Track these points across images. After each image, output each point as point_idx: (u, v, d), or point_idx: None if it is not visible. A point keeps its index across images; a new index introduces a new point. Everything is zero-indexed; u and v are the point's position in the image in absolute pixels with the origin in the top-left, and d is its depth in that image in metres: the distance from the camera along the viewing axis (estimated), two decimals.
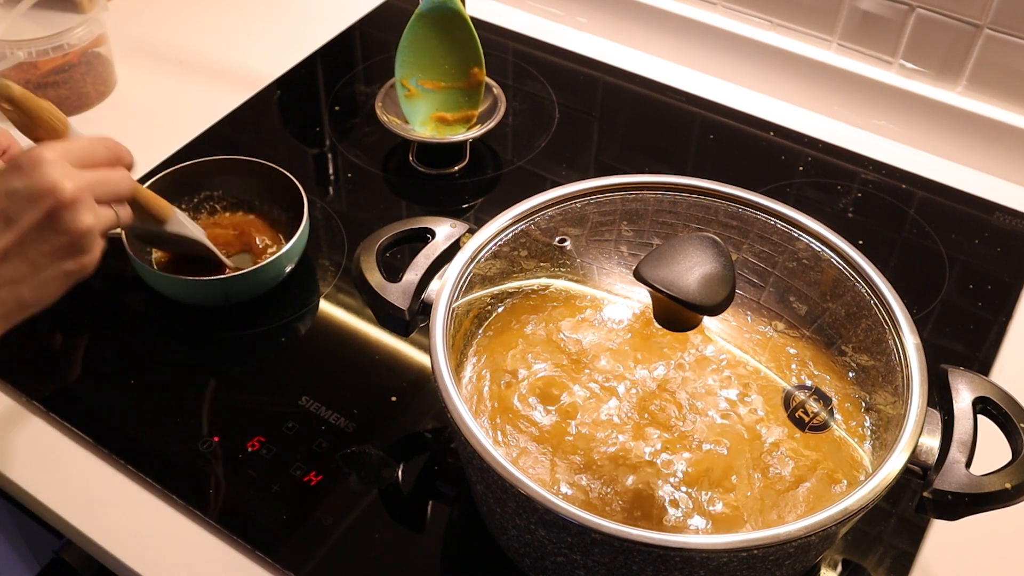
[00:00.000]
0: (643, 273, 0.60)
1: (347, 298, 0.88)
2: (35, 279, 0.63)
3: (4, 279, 0.62)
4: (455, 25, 0.97)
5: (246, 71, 1.11)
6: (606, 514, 0.60)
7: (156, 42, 1.15)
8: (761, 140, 1.05)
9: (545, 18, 1.20)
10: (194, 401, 0.79)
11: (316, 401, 0.79)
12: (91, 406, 0.79)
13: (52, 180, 0.62)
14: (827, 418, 0.65)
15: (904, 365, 0.63)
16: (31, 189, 0.62)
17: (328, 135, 1.05)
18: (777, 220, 0.71)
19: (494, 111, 1.00)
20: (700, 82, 1.11)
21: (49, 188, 0.62)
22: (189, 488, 0.73)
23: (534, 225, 0.72)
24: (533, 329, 0.70)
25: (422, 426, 0.78)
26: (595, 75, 1.12)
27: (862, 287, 0.67)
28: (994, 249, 0.94)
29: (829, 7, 1.03)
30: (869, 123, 1.06)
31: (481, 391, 0.67)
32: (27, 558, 1.01)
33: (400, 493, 0.74)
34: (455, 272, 0.67)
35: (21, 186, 0.62)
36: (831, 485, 0.62)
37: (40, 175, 0.62)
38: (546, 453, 0.63)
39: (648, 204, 0.73)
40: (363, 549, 0.71)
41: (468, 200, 0.99)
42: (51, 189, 0.62)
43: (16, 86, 0.65)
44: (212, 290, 0.82)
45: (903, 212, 0.97)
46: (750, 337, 0.70)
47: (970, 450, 0.60)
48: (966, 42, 0.98)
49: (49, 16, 1.02)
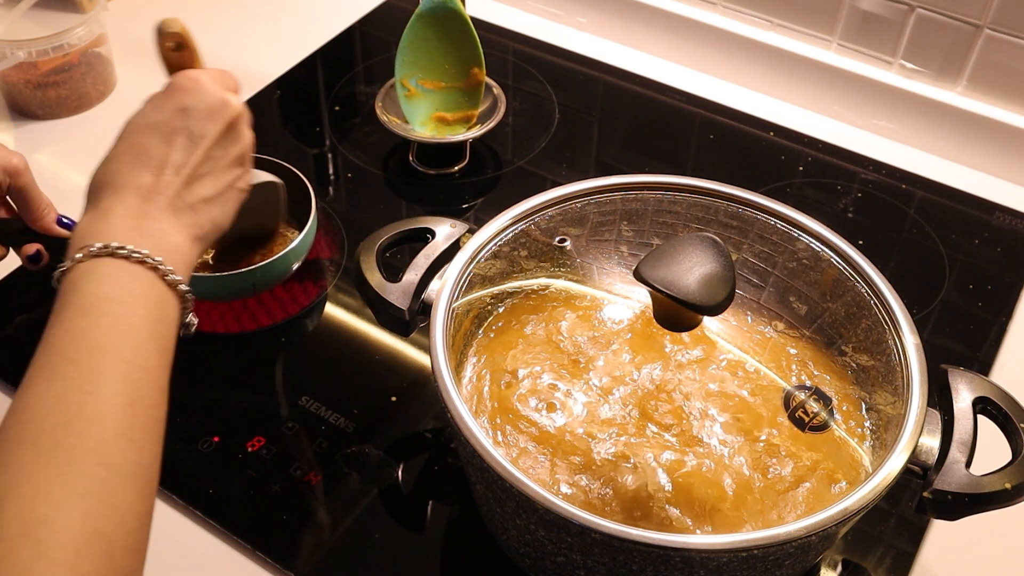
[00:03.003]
0: (643, 273, 0.60)
1: (347, 298, 0.88)
2: (221, 196, 0.64)
3: (200, 198, 0.62)
4: (455, 25, 0.97)
5: (246, 71, 1.11)
6: (606, 514, 0.60)
7: None
8: (761, 140, 1.05)
9: (545, 18, 1.20)
10: (194, 401, 0.79)
11: (316, 401, 0.79)
12: None
13: (222, 94, 0.64)
14: (827, 418, 0.65)
15: (904, 365, 0.63)
16: (206, 103, 0.63)
17: (328, 135, 1.05)
18: (777, 220, 0.71)
19: (494, 111, 1.00)
20: (700, 82, 1.11)
21: (223, 100, 0.63)
22: (189, 488, 0.73)
23: (534, 225, 0.72)
24: (533, 329, 0.70)
25: (422, 426, 0.78)
26: (595, 75, 1.12)
27: (862, 287, 0.67)
28: (994, 249, 0.94)
29: (829, 7, 1.03)
30: (869, 123, 1.06)
31: (481, 391, 0.67)
32: None
33: (400, 493, 0.74)
34: (455, 272, 0.67)
35: (195, 102, 0.62)
36: (831, 485, 0.62)
37: (210, 92, 0.63)
38: (546, 453, 0.63)
39: (648, 204, 0.73)
40: (363, 549, 0.71)
41: (468, 200, 0.99)
42: (225, 101, 0.63)
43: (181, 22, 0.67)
44: (239, 283, 0.82)
45: (903, 212, 0.97)
46: (750, 337, 0.70)
47: (970, 450, 0.60)
48: (966, 42, 0.98)
49: (49, 16, 1.02)
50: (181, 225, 0.60)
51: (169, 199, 0.60)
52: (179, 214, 0.60)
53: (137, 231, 0.57)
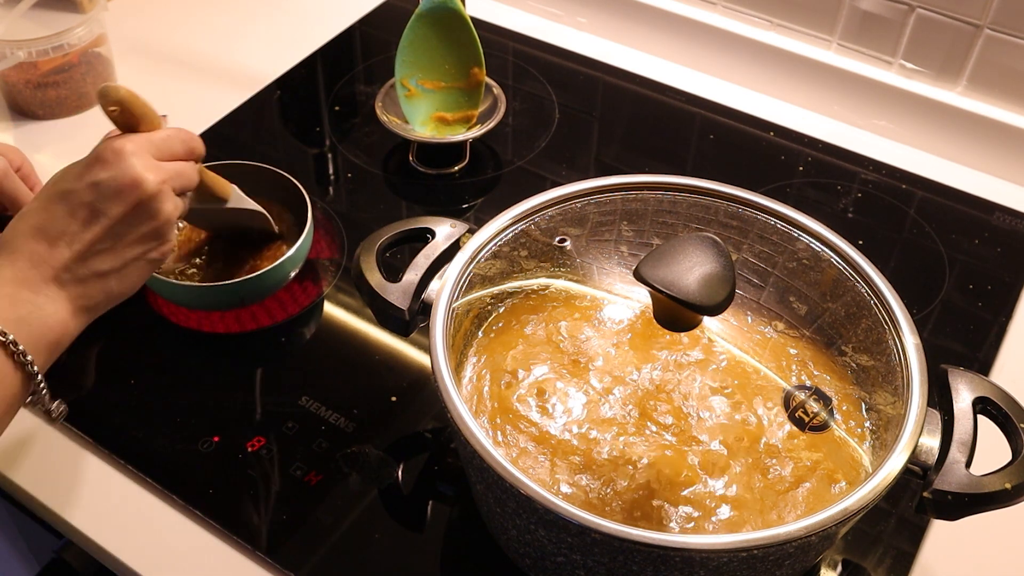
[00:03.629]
0: (643, 273, 0.60)
1: (347, 298, 0.88)
2: (121, 271, 0.65)
3: (93, 272, 0.63)
4: (455, 25, 0.97)
5: (246, 71, 1.11)
6: (606, 514, 0.60)
7: (156, 42, 1.15)
8: (761, 140, 1.05)
9: (545, 18, 1.20)
10: (194, 401, 0.79)
11: (316, 401, 0.79)
12: (91, 407, 0.78)
13: (137, 172, 0.63)
14: (827, 418, 0.65)
15: (904, 365, 0.63)
16: (117, 181, 0.63)
17: (328, 135, 1.05)
18: (777, 220, 0.71)
19: (494, 111, 1.00)
20: (700, 82, 1.11)
21: (136, 180, 0.63)
22: (189, 488, 0.73)
23: (534, 225, 0.72)
24: (533, 329, 0.70)
25: (422, 426, 0.78)
26: (595, 75, 1.12)
27: (862, 287, 0.67)
28: (994, 249, 0.94)
29: (829, 7, 1.03)
30: (869, 123, 1.06)
31: (481, 391, 0.67)
32: (27, 558, 1.01)
33: (400, 493, 0.74)
34: (455, 272, 0.67)
35: (107, 177, 0.63)
36: (831, 485, 0.62)
37: (126, 167, 0.63)
38: (546, 453, 0.63)
39: (648, 204, 0.73)
40: (363, 549, 0.71)
41: (468, 200, 0.99)
42: (137, 181, 0.63)
43: (124, 87, 0.66)
44: (226, 295, 0.82)
45: (903, 212, 0.97)
46: (750, 337, 0.70)
47: (970, 450, 0.60)
48: (966, 42, 0.98)
49: (49, 16, 1.02)
50: (65, 297, 0.62)
51: (56, 271, 0.62)
52: (65, 286, 0.62)
53: (10, 298, 0.60)
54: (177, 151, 0.68)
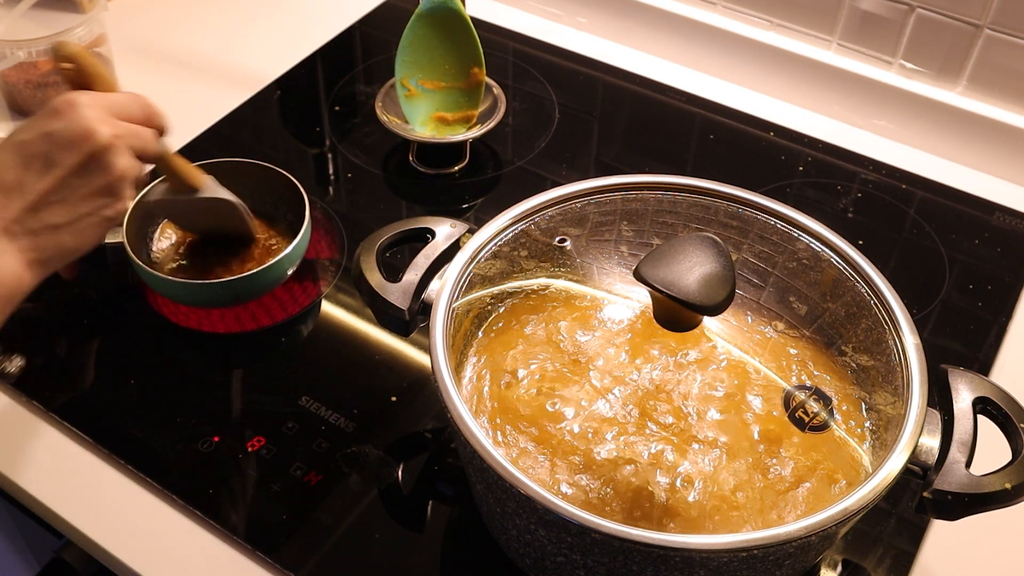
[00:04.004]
0: (643, 273, 0.60)
1: (347, 298, 0.88)
2: (75, 225, 0.64)
3: (45, 224, 0.63)
4: (455, 25, 0.97)
5: (246, 71, 1.11)
6: (606, 514, 0.60)
7: (156, 42, 1.15)
8: (761, 140, 1.05)
9: (545, 18, 1.20)
10: (194, 401, 0.79)
11: (316, 401, 0.79)
12: (91, 406, 0.79)
13: (89, 123, 0.63)
14: (827, 418, 0.65)
15: (904, 365, 0.63)
16: (69, 131, 0.62)
17: (328, 135, 1.05)
18: (777, 220, 0.71)
19: (494, 111, 1.00)
20: (700, 82, 1.11)
21: (87, 131, 0.63)
22: (189, 488, 0.73)
23: (534, 225, 0.72)
24: (533, 329, 0.70)
25: (422, 426, 0.78)
26: (595, 75, 1.12)
27: (862, 287, 0.67)
28: (994, 249, 0.94)
29: (829, 7, 1.03)
30: (869, 123, 1.06)
31: (481, 391, 0.67)
32: (27, 558, 1.01)
33: (400, 493, 0.74)
34: (455, 272, 0.67)
35: (60, 127, 0.62)
36: (831, 485, 0.62)
37: (78, 118, 0.63)
38: (546, 453, 0.63)
39: (648, 204, 0.73)
40: (363, 549, 0.71)
41: (468, 200, 0.99)
42: (89, 132, 0.63)
43: (73, 43, 0.66)
44: (221, 292, 0.82)
45: (903, 212, 0.97)
46: (750, 337, 0.70)
47: (970, 450, 0.60)
48: (966, 42, 0.98)
49: (49, 16, 1.02)
50: (16, 249, 0.62)
51: (6, 222, 0.61)
52: (16, 238, 0.62)
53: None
54: (135, 113, 0.67)
